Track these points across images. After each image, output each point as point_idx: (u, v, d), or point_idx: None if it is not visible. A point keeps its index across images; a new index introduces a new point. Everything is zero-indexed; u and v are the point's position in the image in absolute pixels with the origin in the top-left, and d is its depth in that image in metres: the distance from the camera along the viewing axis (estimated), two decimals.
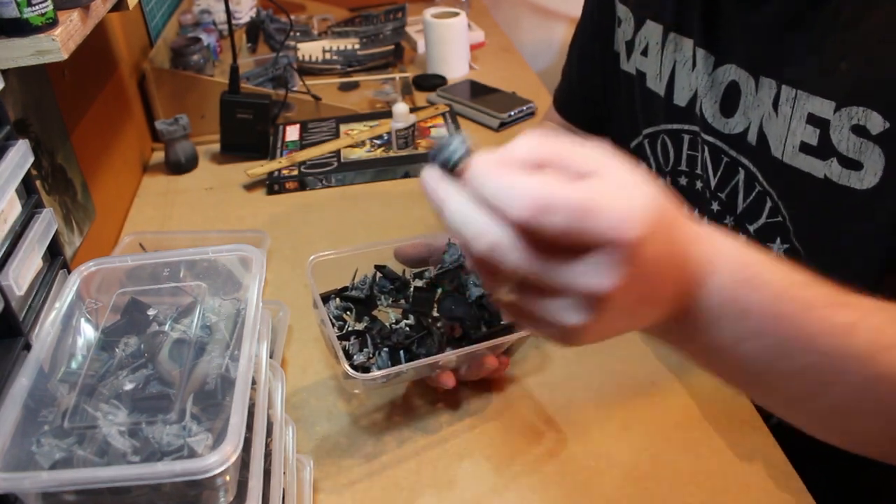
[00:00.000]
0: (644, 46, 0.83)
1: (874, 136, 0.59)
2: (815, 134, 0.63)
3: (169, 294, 0.64)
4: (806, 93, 0.64)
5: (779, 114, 0.67)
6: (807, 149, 0.65)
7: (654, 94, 0.82)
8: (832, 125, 0.62)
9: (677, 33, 0.77)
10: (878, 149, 0.59)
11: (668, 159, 0.83)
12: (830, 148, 0.62)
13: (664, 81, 0.80)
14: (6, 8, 0.64)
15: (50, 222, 0.66)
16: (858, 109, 0.60)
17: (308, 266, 0.74)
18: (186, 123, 1.18)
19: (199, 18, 1.55)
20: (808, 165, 0.65)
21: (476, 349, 0.68)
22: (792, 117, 0.65)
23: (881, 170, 0.59)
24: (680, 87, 0.78)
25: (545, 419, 0.73)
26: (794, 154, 0.66)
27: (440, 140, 0.39)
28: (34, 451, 0.49)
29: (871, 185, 0.60)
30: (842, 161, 0.62)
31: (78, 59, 0.82)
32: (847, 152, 0.61)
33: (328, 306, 0.73)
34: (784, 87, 0.66)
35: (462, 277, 0.75)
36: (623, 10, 0.86)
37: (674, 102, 0.79)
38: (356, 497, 0.66)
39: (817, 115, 0.63)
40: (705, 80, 0.74)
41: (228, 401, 0.51)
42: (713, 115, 0.74)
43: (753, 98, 0.70)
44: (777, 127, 0.67)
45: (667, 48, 0.79)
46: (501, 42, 1.68)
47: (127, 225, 1.10)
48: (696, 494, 0.64)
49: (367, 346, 0.70)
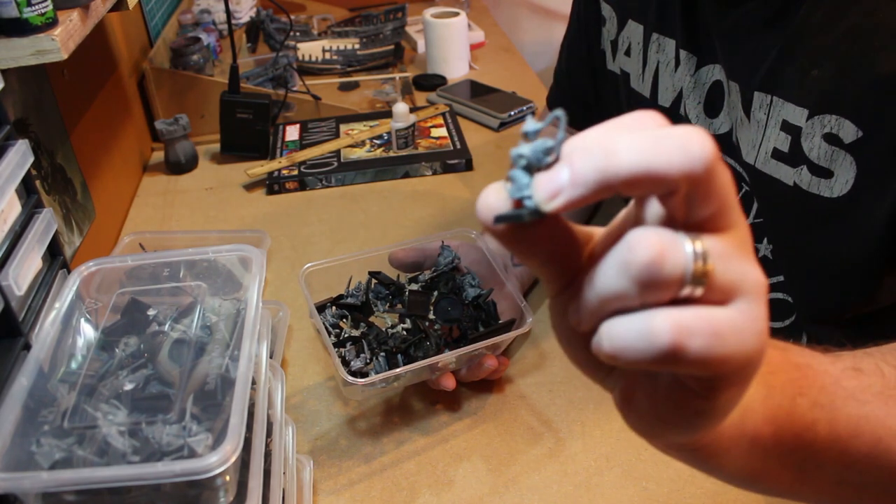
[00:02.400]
0: (627, 46, 0.82)
1: (846, 145, 0.58)
2: (787, 140, 0.63)
3: (169, 294, 0.64)
4: (781, 99, 0.63)
5: (752, 120, 0.66)
6: (778, 155, 0.64)
7: (639, 94, 0.82)
8: (804, 132, 0.61)
9: (660, 34, 0.77)
10: (850, 157, 0.58)
11: None
12: (801, 155, 0.62)
13: (648, 82, 0.80)
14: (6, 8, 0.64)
15: (50, 222, 0.66)
16: (831, 118, 0.58)
17: (301, 276, 0.73)
18: (186, 123, 1.18)
19: (199, 18, 1.55)
20: (778, 172, 0.64)
21: (474, 349, 0.68)
22: (767, 123, 0.64)
23: (853, 178, 0.58)
24: (664, 88, 0.78)
25: (545, 419, 0.73)
26: (766, 160, 0.65)
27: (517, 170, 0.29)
28: (34, 451, 0.49)
29: (841, 193, 0.59)
30: (812, 169, 0.61)
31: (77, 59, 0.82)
32: (818, 160, 0.60)
33: (324, 315, 0.73)
34: (757, 93, 0.65)
35: (457, 279, 0.75)
36: (607, 9, 0.86)
37: (659, 103, 0.79)
38: (356, 497, 0.66)
39: (790, 121, 0.62)
40: (688, 80, 0.74)
41: (228, 401, 0.51)
42: (697, 116, 0.74)
43: (730, 99, 0.70)
44: (749, 132, 0.66)
45: (650, 48, 0.78)
46: (501, 42, 1.68)
47: (127, 225, 1.10)
48: (696, 494, 0.64)
49: (363, 351, 0.70)
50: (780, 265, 0.68)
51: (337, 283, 0.76)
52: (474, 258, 0.77)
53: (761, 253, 0.70)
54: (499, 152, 1.21)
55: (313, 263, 0.75)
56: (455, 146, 1.20)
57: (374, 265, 0.77)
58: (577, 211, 0.94)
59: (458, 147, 1.20)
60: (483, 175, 1.15)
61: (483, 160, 1.18)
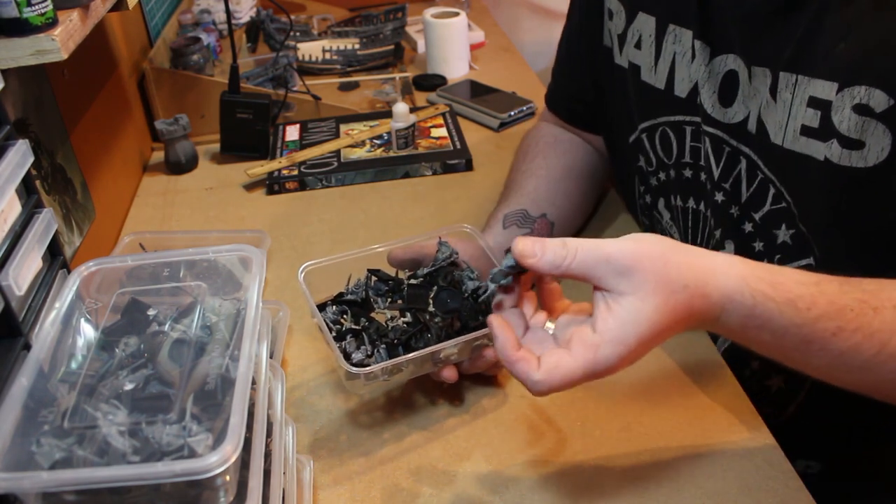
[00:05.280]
0: (637, 39, 0.82)
1: (878, 114, 0.59)
2: (815, 116, 0.64)
3: (169, 294, 0.64)
4: (807, 77, 0.64)
5: (777, 100, 0.67)
6: (807, 132, 0.65)
7: (650, 86, 0.82)
8: (833, 106, 0.62)
9: (676, 24, 0.77)
10: (883, 126, 0.59)
11: (671, 152, 0.82)
12: (831, 129, 0.63)
13: (662, 73, 0.80)
14: (6, 8, 0.64)
15: (50, 222, 0.66)
16: (861, 88, 0.60)
17: (299, 275, 0.73)
18: (186, 123, 1.18)
19: (199, 18, 1.55)
20: (808, 148, 0.65)
21: (475, 336, 0.68)
22: (793, 102, 0.65)
23: (888, 145, 0.59)
24: (680, 79, 0.78)
25: (545, 419, 0.73)
26: (794, 138, 0.66)
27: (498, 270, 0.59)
28: (34, 451, 0.49)
29: (878, 161, 0.60)
30: (842, 142, 0.62)
31: (77, 59, 0.82)
32: (848, 132, 0.61)
33: (325, 312, 0.73)
34: (782, 73, 0.66)
35: (456, 274, 0.75)
36: (614, 3, 0.85)
37: (675, 94, 0.79)
38: (356, 497, 0.66)
39: (818, 97, 0.63)
40: (703, 70, 0.74)
41: (228, 401, 0.51)
42: (712, 106, 0.74)
43: (749, 87, 0.70)
44: (777, 114, 0.67)
45: (666, 39, 0.78)
46: (501, 42, 1.68)
47: (127, 225, 1.10)
48: (696, 494, 0.64)
49: (364, 344, 0.70)
50: (807, 248, 0.69)
51: (336, 281, 0.76)
52: (473, 254, 0.78)
53: (780, 240, 0.70)
54: (499, 152, 1.21)
55: (312, 262, 0.75)
56: (455, 146, 1.20)
57: (373, 263, 0.77)
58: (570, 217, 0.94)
59: (458, 147, 1.20)
60: (483, 175, 1.15)
61: (483, 160, 1.18)
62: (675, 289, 0.51)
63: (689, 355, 0.79)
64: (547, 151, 0.98)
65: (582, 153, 0.99)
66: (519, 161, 0.99)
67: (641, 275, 0.51)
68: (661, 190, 0.86)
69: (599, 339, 0.51)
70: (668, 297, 0.51)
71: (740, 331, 0.55)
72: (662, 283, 0.51)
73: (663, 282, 0.51)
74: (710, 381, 0.75)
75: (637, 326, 0.51)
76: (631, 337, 0.51)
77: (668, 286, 0.51)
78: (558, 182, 0.93)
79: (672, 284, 0.51)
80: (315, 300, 0.72)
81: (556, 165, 0.96)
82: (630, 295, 0.51)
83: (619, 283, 0.51)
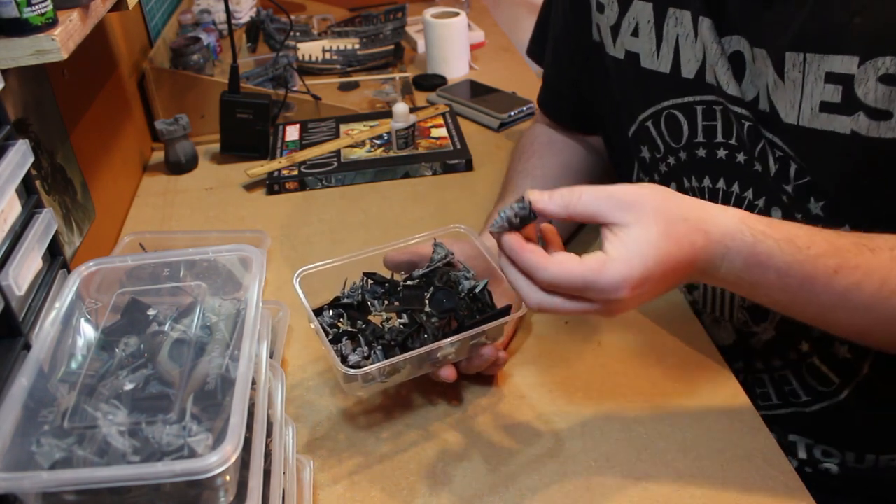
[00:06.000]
0: (634, 27, 0.82)
1: None
2: (836, 91, 0.64)
3: (169, 294, 0.64)
4: (818, 54, 0.64)
5: (786, 80, 0.67)
6: (829, 107, 0.65)
7: (653, 72, 0.81)
8: (856, 79, 0.62)
9: (675, 7, 0.77)
10: None
11: (681, 135, 0.81)
12: (856, 102, 0.63)
13: (666, 58, 0.79)
14: (6, 8, 0.64)
15: (50, 222, 0.66)
16: (885, 59, 0.60)
17: (294, 281, 0.73)
18: (186, 123, 1.18)
19: (199, 18, 1.55)
20: (831, 124, 0.65)
21: (472, 334, 0.68)
22: (805, 81, 0.66)
23: None
24: (686, 60, 0.77)
25: (545, 419, 0.73)
26: (813, 116, 0.66)
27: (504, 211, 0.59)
28: (34, 451, 0.49)
29: None
30: (869, 113, 0.63)
31: (77, 59, 0.82)
32: (875, 103, 0.62)
33: (322, 317, 0.73)
34: (788, 53, 0.66)
35: (452, 274, 0.75)
36: None
37: (682, 76, 0.78)
38: (355, 497, 0.66)
39: (837, 72, 0.63)
40: (715, 48, 0.73)
41: (228, 401, 0.51)
42: (727, 83, 0.73)
43: (754, 67, 0.70)
44: (786, 93, 0.68)
45: (667, 23, 0.78)
46: (501, 42, 1.68)
47: (127, 225, 1.10)
48: (696, 494, 0.64)
49: (360, 345, 0.70)
50: (837, 221, 0.70)
51: (334, 284, 0.76)
52: (469, 254, 0.78)
53: (814, 212, 0.71)
54: (499, 152, 1.21)
55: (306, 267, 0.75)
56: (455, 146, 1.20)
57: (369, 266, 0.77)
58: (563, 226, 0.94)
59: (458, 147, 1.20)
60: (483, 175, 1.15)
61: (483, 160, 1.18)
62: (675, 219, 0.56)
63: (689, 355, 0.79)
64: (542, 151, 0.98)
65: (577, 152, 0.99)
66: (515, 161, 0.99)
67: (642, 207, 0.56)
68: (671, 174, 0.85)
69: (606, 256, 0.55)
70: (669, 225, 0.55)
71: (745, 272, 0.57)
72: (662, 213, 0.56)
73: (663, 211, 0.56)
74: (710, 381, 0.75)
75: (641, 252, 0.55)
76: (636, 259, 0.54)
77: (668, 216, 0.56)
78: (554, 181, 0.93)
79: (671, 214, 0.56)
80: (312, 304, 0.72)
81: (551, 164, 0.96)
82: (634, 224, 0.55)
83: (624, 216, 0.56)
